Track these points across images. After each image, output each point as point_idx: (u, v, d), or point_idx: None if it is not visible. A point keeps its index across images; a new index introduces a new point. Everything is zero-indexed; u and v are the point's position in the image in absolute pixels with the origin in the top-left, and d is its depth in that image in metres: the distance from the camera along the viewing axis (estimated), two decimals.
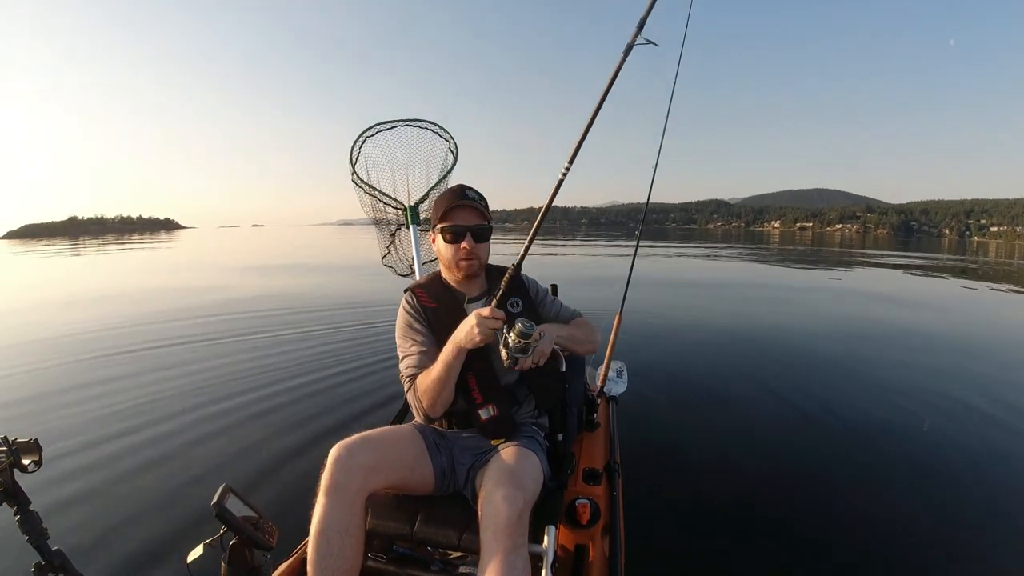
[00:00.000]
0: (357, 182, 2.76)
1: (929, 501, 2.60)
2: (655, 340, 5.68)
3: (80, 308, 8.48)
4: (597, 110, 1.38)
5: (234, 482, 1.30)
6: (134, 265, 20.06)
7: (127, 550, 2.24)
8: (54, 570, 0.98)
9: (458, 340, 1.40)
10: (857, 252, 30.40)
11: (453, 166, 2.78)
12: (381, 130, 2.74)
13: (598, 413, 2.30)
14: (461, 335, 1.39)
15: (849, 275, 15.05)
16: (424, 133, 2.78)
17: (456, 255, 1.56)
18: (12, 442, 0.95)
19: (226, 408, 4.03)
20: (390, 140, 2.75)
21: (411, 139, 2.77)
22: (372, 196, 2.81)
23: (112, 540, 2.32)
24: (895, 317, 7.46)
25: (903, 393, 4.02)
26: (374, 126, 2.74)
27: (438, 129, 2.78)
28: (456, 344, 1.41)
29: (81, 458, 3.18)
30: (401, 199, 2.79)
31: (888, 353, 5.26)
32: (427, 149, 2.78)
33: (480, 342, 1.37)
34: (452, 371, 1.44)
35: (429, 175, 2.78)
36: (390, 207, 2.85)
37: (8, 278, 16.03)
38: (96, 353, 5.80)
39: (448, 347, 1.43)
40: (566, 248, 28.09)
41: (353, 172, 2.72)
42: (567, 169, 1.40)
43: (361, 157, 2.74)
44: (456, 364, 1.43)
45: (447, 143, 2.79)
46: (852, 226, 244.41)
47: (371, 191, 2.79)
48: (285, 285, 11.65)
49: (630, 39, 1.30)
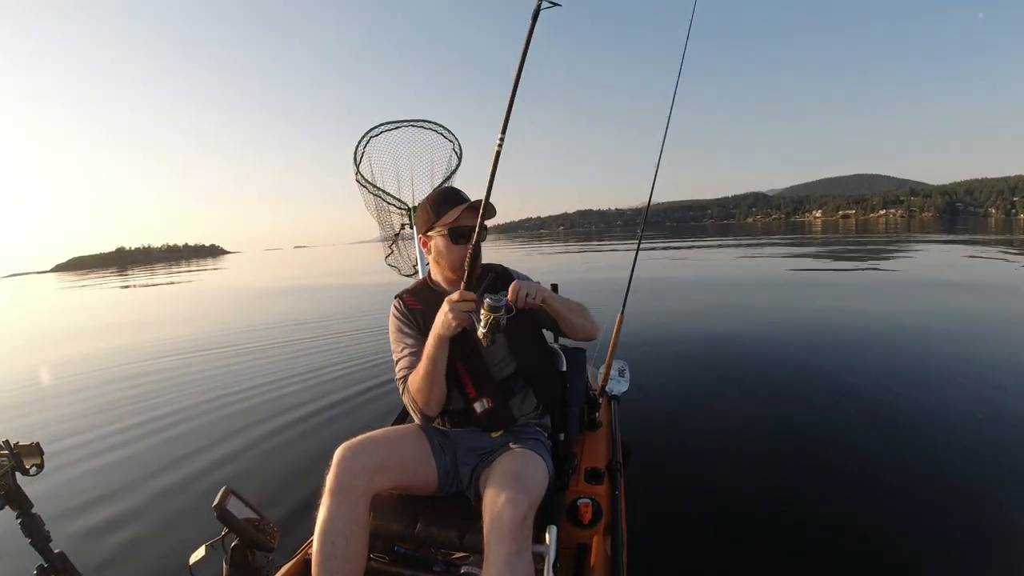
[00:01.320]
0: (361, 182, 2.76)
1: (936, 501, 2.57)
2: (657, 339, 5.66)
3: (104, 329, 8.55)
4: (517, 79, 1.31)
5: (236, 484, 1.31)
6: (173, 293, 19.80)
7: (129, 552, 2.26)
8: (56, 572, 0.99)
9: (437, 331, 1.40)
10: (904, 236, 29.22)
11: (457, 167, 2.78)
12: (385, 130, 2.75)
13: (600, 412, 2.30)
14: (438, 325, 1.40)
15: (896, 260, 14.50)
16: (428, 134, 2.78)
17: (463, 255, 1.53)
18: (14, 445, 0.96)
19: (229, 411, 4.06)
20: (394, 140, 2.75)
21: (415, 140, 2.77)
22: (376, 196, 2.82)
23: (114, 542, 2.34)
24: (926, 307, 7.13)
25: (934, 391, 3.89)
26: (378, 126, 2.74)
27: (442, 130, 2.77)
28: (436, 335, 1.41)
29: (84, 461, 3.21)
30: (405, 199, 2.80)
31: (905, 346, 5.13)
32: (431, 150, 2.78)
33: (456, 327, 1.36)
34: (438, 364, 1.43)
35: (433, 176, 2.78)
36: (394, 207, 2.85)
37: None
38: (103, 360, 5.86)
39: (429, 340, 1.43)
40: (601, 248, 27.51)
41: (357, 172, 2.73)
42: (501, 140, 1.37)
43: (365, 157, 2.75)
44: (440, 356, 1.43)
45: (451, 144, 2.79)
46: (896, 211, 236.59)
47: (375, 191, 2.79)
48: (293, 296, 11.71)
49: (535, 5, 1.29)
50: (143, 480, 2.97)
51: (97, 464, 3.19)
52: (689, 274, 13.46)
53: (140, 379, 5.24)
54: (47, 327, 11.03)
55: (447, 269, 1.61)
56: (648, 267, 14.52)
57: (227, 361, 5.78)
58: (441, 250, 1.59)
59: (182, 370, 5.47)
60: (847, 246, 22.28)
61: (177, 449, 3.37)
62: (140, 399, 4.51)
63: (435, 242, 1.59)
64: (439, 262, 1.63)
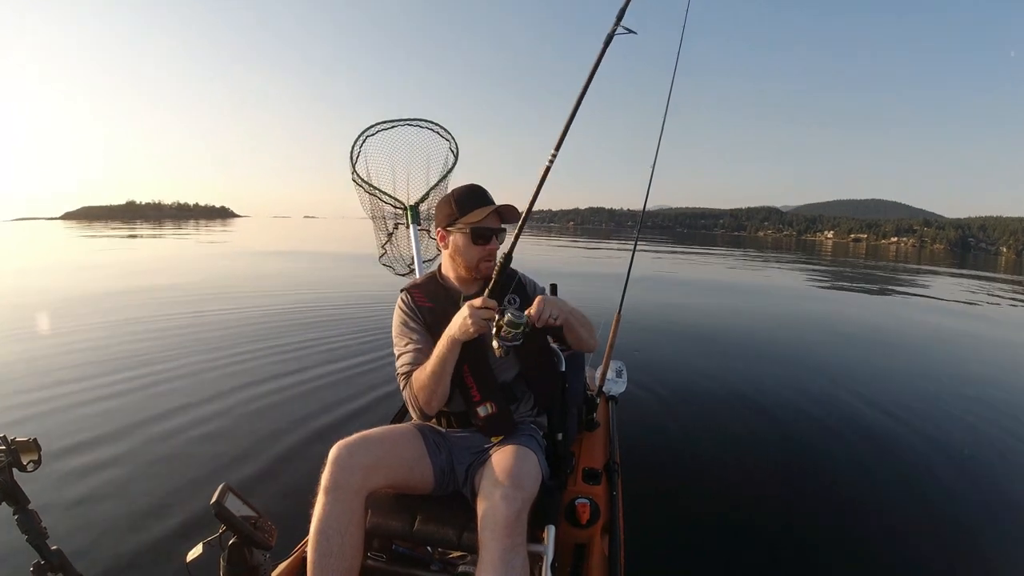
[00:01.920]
0: (357, 181, 2.76)
1: (933, 508, 2.59)
2: (655, 339, 5.68)
3: (79, 303, 8.45)
4: (580, 98, 1.37)
5: (233, 481, 1.30)
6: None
7: (126, 549, 2.24)
8: (53, 570, 0.97)
9: (452, 333, 1.40)
10: (912, 267, 28.47)
11: (454, 166, 2.78)
12: (382, 129, 2.74)
13: (597, 413, 2.30)
14: (455, 328, 1.39)
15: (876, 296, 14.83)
16: (425, 133, 2.77)
17: (481, 255, 1.55)
18: (11, 441, 0.95)
19: (225, 407, 4.03)
20: (391, 139, 2.75)
21: (412, 138, 2.75)
22: (372, 195, 2.81)
23: (111, 539, 2.32)
24: (922, 330, 7.24)
25: (916, 398, 3.98)
26: (375, 125, 2.74)
27: (439, 129, 2.77)
28: (450, 337, 1.40)
29: (80, 458, 3.18)
30: (401, 198, 2.79)
31: (896, 362, 5.24)
32: (427, 149, 2.77)
33: (473, 333, 1.36)
34: (447, 365, 1.43)
35: (429, 175, 2.77)
36: (389, 206, 2.84)
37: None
38: (95, 350, 5.80)
39: (442, 341, 1.42)
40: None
41: (353, 171, 2.72)
42: (553, 157, 1.39)
43: (362, 156, 2.74)
44: (451, 358, 1.42)
45: (448, 143, 2.78)
46: (908, 240, 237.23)
47: (371, 190, 2.78)
48: (285, 281, 11.63)
49: (610, 29, 1.32)
50: (141, 478, 2.94)
51: (95, 462, 3.17)
52: (688, 277, 13.51)
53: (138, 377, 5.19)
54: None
55: (462, 267, 1.60)
56: (648, 268, 14.53)
57: (224, 354, 5.73)
58: (459, 247, 1.57)
59: (179, 367, 5.42)
60: (858, 269, 22.20)
61: (174, 445, 3.34)
62: (136, 394, 4.47)
63: (454, 238, 1.57)
64: (455, 259, 1.61)
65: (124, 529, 2.41)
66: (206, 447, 3.31)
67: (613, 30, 1.33)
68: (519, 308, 1.56)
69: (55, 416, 3.93)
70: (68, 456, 3.17)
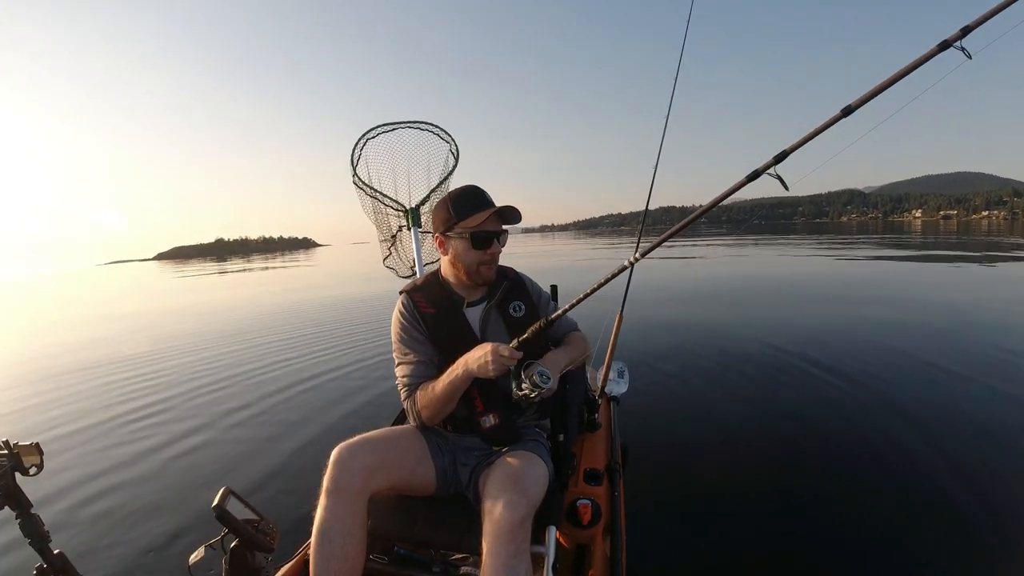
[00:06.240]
0: (358, 184, 2.76)
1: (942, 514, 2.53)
2: (656, 340, 5.67)
3: (96, 321, 8.50)
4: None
5: (235, 484, 1.31)
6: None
7: (129, 552, 2.25)
8: (55, 573, 0.98)
9: (470, 368, 1.37)
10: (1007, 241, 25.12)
11: (454, 168, 2.78)
12: (382, 132, 2.74)
13: (599, 413, 2.30)
14: (474, 365, 1.36)
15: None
16: (425, 135, 2.77)
17: (482, 260, 1.51)
18: (14, 446, 0.96)
19: (227, 411, 4.04)
20: (391, 142, 2.75)
21: (412, 141, 2.75)
22: (373, 198, 2.82)
23: (114, 543, 2.33)
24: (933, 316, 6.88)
25: (925, 400, 3.84)
26: (375, 128, 2.74)
27: (439, 131, 2.77)
28: (467, 370, 1.37)
29: (83, 462, 3.20)
30: (402, 201, 2.80)
31: (913, 352, 5.06)
32: (428, 151, 2.77)
33: (492, 376, 1.34)
34: (458, 392, 1.43)
35: (430, 177, 2.78)
36: (391, 209, 2.85)
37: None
38: (100, 362, 5.83)
39: (459, 370, 1.39)
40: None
41: (354, 174, 2.73)
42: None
43: (362, 159, 2.75)
44: (464, 387, 1.42)
45: (448, 145, 2.79)
46: (999, 212, 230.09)
47: (372, 193, 2.79)
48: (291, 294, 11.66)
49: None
50: (144, 481, 2.95)
51: (98, 466, 3.18)
52: (697, 275, 13.45)
53: (141, 384, 5.21)
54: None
55: (463, 273, 1.56)
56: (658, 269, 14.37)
57: (227, 361, 5.76)
58: (459, 253, 1.52)
59: (183, 373, 5.45)
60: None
61: (177, 449, 3.36)
62: (139, 399, 4.49)
63: (454, 244, 1.52)
64: (455, 264, 1.56)
65: (126, 532, 2.42)
66: (208, 451, 3.32)
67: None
68: (523, 316, 1.56)
69: (55, 416, 3.95)
70: (71, 460, 3.19)
